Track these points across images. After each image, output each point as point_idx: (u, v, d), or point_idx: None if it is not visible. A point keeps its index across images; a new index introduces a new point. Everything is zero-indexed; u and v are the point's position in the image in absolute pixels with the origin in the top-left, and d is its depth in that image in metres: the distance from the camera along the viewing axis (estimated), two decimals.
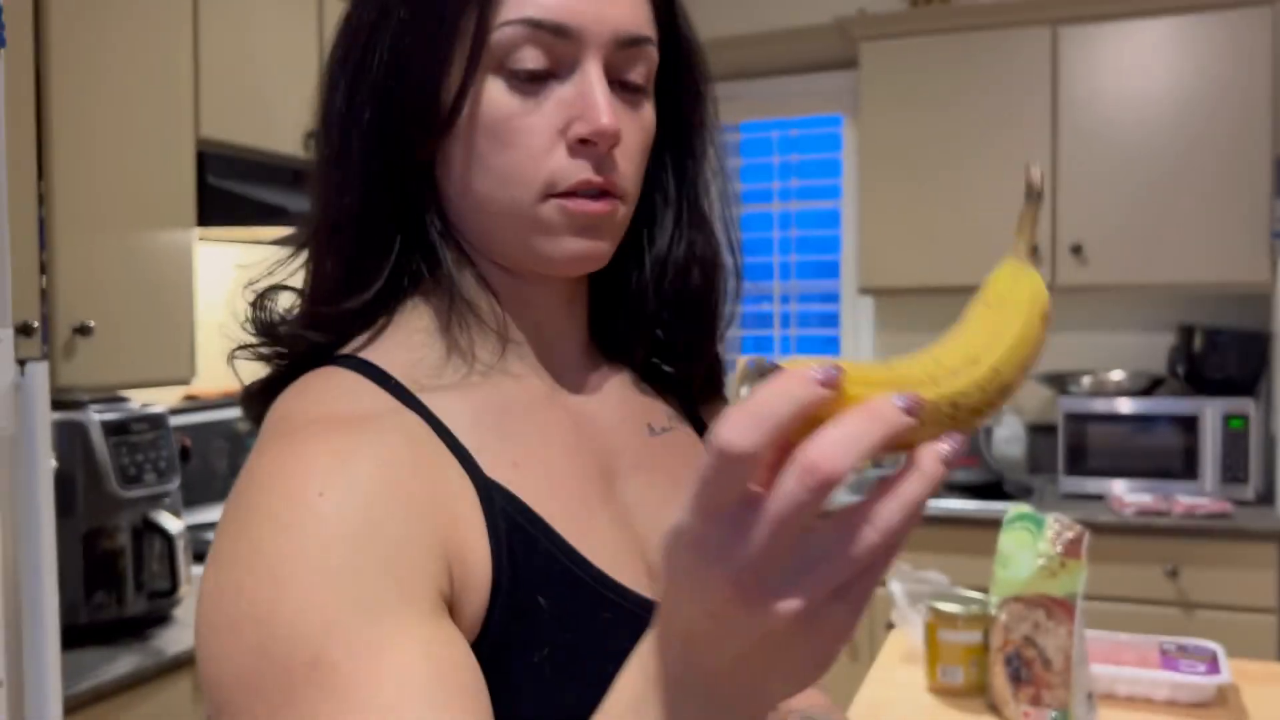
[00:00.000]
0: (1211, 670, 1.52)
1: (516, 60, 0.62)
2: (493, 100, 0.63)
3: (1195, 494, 2.91)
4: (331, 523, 0.54)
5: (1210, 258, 2.94)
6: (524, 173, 0.63)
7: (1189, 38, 2.95)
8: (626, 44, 0.64)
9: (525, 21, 0.61)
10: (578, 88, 0.63)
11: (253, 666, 0.53)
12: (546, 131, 0.63)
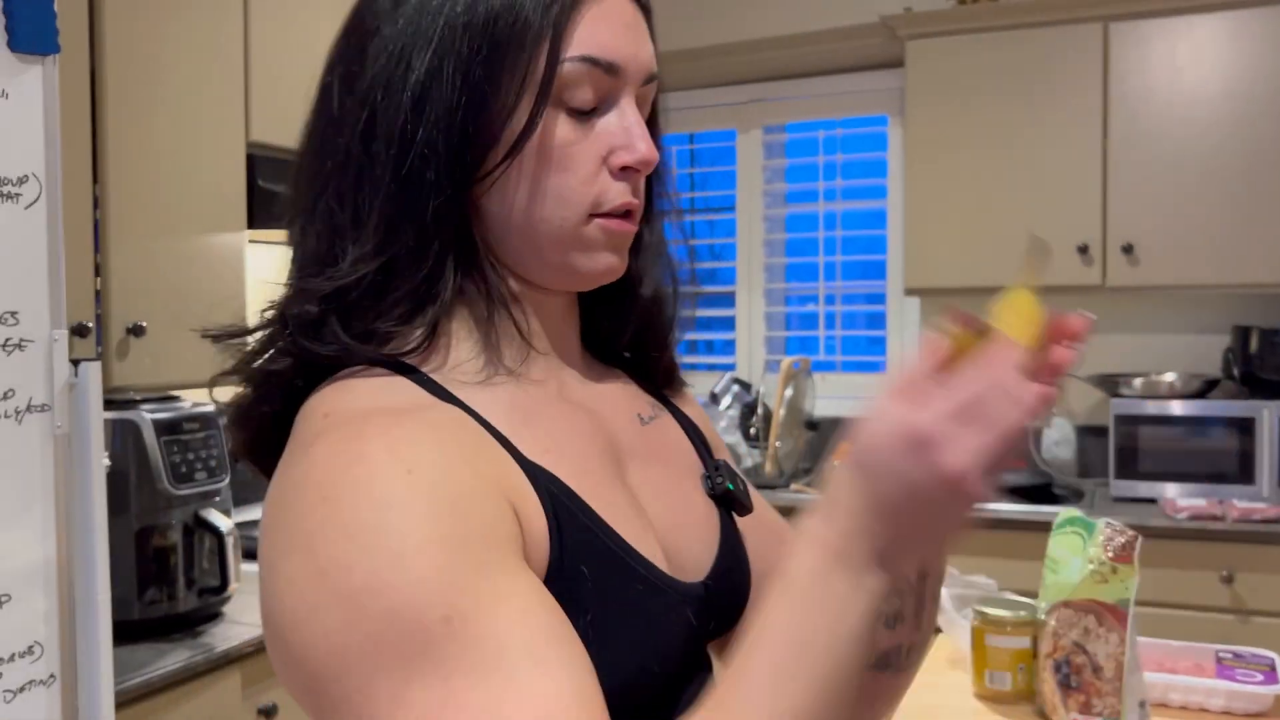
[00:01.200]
0: (1269, 679, 1.49)
1: (573, 94, 0.69)
2: (552, 130, 0.69)
3: (1251, 498, 2.85)
4: (429, 495, 0.59)
5: (1266, 257, 2.88)
6: (574, 195, 0.70)
7: (1244, 32, 2.89)
8: (648, 80, 0.73)
9: (584, 59, 0.69)
10: (620, 120, 0.71)
11: (379, 634, 0.56)
12: (594, 159, 0.70)
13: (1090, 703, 1.34)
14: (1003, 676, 1.49)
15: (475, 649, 0.56)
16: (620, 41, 0.70)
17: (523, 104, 0.68)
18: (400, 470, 0.60)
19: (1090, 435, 3.33)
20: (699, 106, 3.89)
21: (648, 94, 0.74)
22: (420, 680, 0.56)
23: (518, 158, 0.68)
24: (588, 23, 0.69)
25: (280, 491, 0.64)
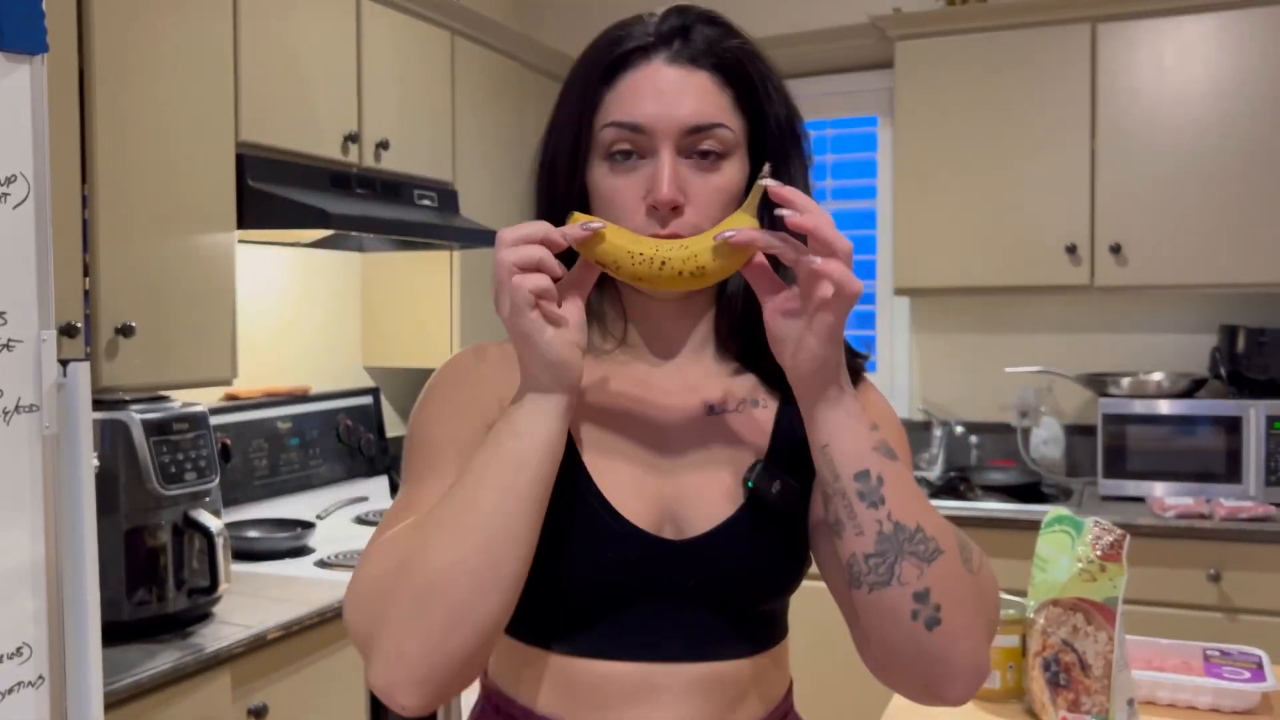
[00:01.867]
0: (1256, 677, 1.50)
1: (612, 148, 0.91)
2: (601, 178, 0.92)
3: (1238, 497, 2.87)
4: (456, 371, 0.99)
5: (1253, 257, 2.90)
6: (620, 224, 0.89)
7: (1230, 34, 2.90)
8: (693, 131, 0.90)
9: (613, 123, 0.91)
10: (653, 167, 0.90)
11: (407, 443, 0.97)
12: (634, 197, 0.90)
13: (1079, 700, 1.35)
14: (992, 675, 1.50)
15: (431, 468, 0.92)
16: (647, 106, 0.90)
17: (581, 164, 0.93)
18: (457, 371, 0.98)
19: (1078, 434, 3.35)
20: None
21: (700, 139, 0.90)
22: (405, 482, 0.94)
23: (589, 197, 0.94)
24: (620, 93, 0.91)
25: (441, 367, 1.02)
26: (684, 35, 0.92)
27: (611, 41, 0.93)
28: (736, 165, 0.93)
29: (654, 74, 0.90)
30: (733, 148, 0.92)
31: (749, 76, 0.95)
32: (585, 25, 4.13)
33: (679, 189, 0.89)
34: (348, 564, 2.34)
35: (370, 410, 3.14)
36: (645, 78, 0.90)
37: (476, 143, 3.17)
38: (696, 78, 0.91)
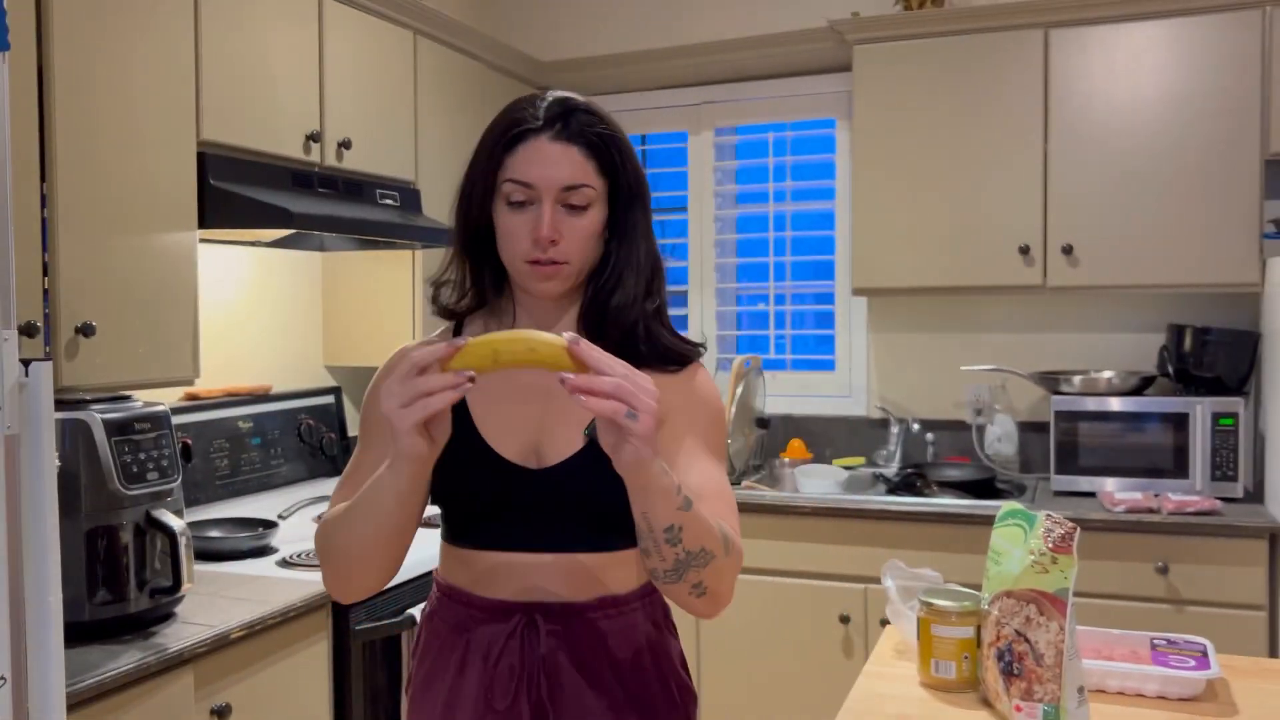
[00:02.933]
0: (1201, 665, 1.55)
1: (510, 196, 1.28)
2: (504, 215, 1.29)
3: (1185, 491, 2.94)
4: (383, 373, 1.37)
5: (1200, 259, 2.97)
6: (517, 251, 1.29)
7: (1179, 40, 2.98)
8: (568, 188, 1.27)
9: (515, 180, 1.27)
10: (538, 212, 1.27)
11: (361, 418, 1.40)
12: (525, 232, 1.28)
13: (1031, 689, 1.38)
14: (948, 665, 1.53)
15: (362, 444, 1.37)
16: (533, 170, 1.26)
17: (491, 204, 1.30)
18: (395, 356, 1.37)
19: (1031, 431, 3.41)
20: (651, 108, 3.92)
21: (572, 194, 1.27)
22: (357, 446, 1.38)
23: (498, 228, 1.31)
24: (517, 158, 1.27)
25: None
26: (564, 120, 1.28)
27: (512, 121, 1.28)
28: (598, 212, 1.30)
29: (540, 147, 1.27)
30: (595, 200, 1.30)
31: (608, 151, 1.30)
32: (547, 26, 4.15)
33: (555, 228, 1.27)
34: (310, 563, 2.34)
35: (332, 409, 3.14)
36: (535, 149, 1.27)
37: (439, 142, 3.17)
38: (570, 151, 1.27)
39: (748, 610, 3.11)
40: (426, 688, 1.37)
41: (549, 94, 1.31)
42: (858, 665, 3.01)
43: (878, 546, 2.99)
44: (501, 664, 1.31)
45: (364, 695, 2.27)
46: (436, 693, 1.35)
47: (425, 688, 1.38)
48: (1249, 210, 2.93)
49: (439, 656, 1.36)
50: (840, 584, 3.05)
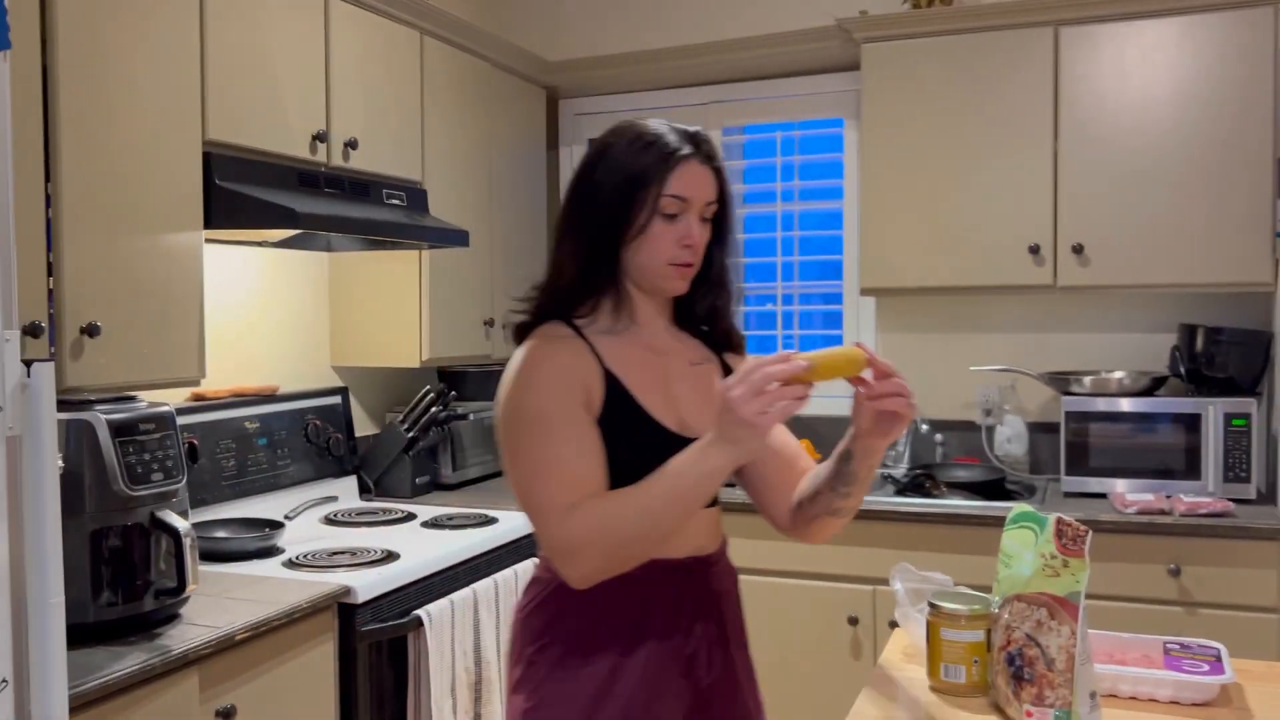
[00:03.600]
0: (1215, 669, 1.53)
1: (666, 209, 1.48)
2: (654, 222, 1.49)
3: (1197, 493, 2.92)
4: (550, 374, 1.46)
5: (1212, 258, 2.95)
6: (663, 255, 1.50)
7: (1190, 38, 2.95)
8: (707, 204, 1.52)
9: (675, 195, 1.48)
10: (687, 224, 1.50)
11: (511, 422, 1.46)
12: (673, 240, 1.49)
13: (1042, 694, 1.37)
14: (957, 669, 1.52)
15: (542, 431, 1.44)
16: (691, 187, 1.49)
17: (644, 213, 1.48)
18: (549, 353, 1.49)
19: (1042, 432, 3.39)
20: (658, 107, 3.90)
21: (707, 209, 1.52)
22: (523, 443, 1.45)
23: (641, 235, 1.49)
24: (676, 177, 1.48)
25: (515, 358, 1.51)
26: (705, 147, 1.53)
27: (673, 147, 1.49)
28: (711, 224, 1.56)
29: (695, 169, 1.50)
30: (712, 213, 1.55)
31: (724, 180, 1.56)
32: (554, 25, 4.15)
33: (700, 235, 1.52)
34: (317, 564, 2.33)
35: (339, 410, 3.13)
36: (691, 170, 1.49)
37: (445, 142, 3.16)
38: (709, 173, 1.52)
39: (755, 611, 3.09)
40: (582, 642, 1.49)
41: (685, 125, 1.55)
42: (866, 668, 2.99)
43: (886, 548, 2.97)
44: (686, 603, 1.52)
45: (370, 697, 2.26)
46: (603, 640, 1.48)
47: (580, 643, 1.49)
48: (1261, 209, 2.90)
49: (607, 611, 1.48)
50: (848, 585, 3.03)
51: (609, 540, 1.37)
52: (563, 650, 1.49)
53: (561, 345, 1.49)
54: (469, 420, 3.40)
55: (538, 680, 1.50)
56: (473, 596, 2.49)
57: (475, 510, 2.97)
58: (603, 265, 1.51)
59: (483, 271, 3.38)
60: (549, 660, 1.50)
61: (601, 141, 1.53)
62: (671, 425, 1.50)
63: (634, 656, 1.47)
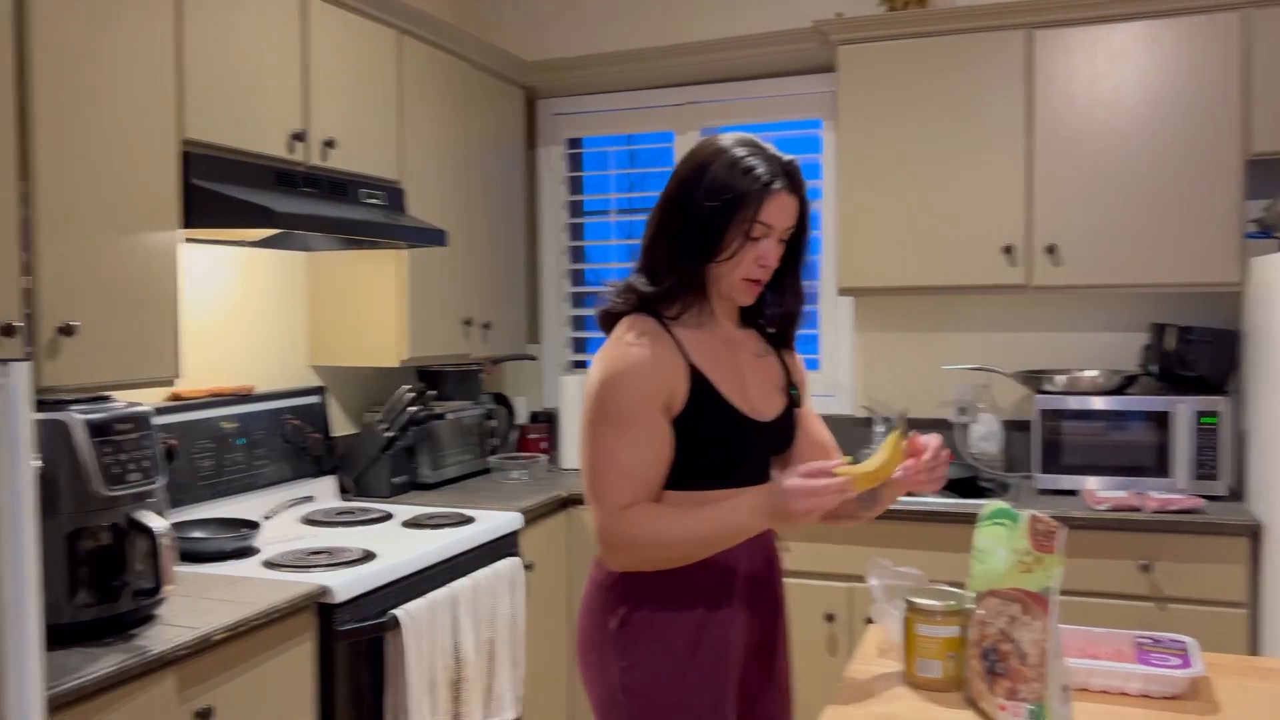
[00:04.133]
0: (1184, 663, 1.55)
1: (755, 234, 1.67)
2: (740, 242, 1.67)
3: (1168, 490, 2.96)
4: (639, 364, 1.66)
5: (1182, 258, 2.99)
6: (741, 271, 1.70)
7: (1160, 41, 2.99)
8: (786, 230, 1.71)
9: (763, 222, 1.66)
10: (766, 247, 1.69)
11: (595, 408, 1.66)
12: (753, 259, 1.68)
13: (1016, 688, 1.39)
14: (932, 664, 1.54)
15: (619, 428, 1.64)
16: (778, 216, 1.67)
17: (737, 237, 1.66)
18: (631, 355, 1.66)
19: (1015, 430, 3.42)
20: (636, 108, 3.92)
21: (785, 232, 1.70)
22: (600, 431, 1.65)
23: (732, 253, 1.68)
24: (769, 207, 1.66)
25: (606, 344, 1.70)
26: (793, 178, 1.69)
27: (767, 179, 1.65)
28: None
29: (783, 200, 1.67)
30: (789, 235, 1.74)
31: (805, 205, 1.73)
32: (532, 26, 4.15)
33: (776, 257, 1.72)
34: (294, 564, 2.33)
35: (317, 409, 3.12)
36: (780, 201, 1.67)
37: (424, 141, 3.16)
38: (793, 201, 1.69)
39: None
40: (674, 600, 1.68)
41: (775, 152, 1.69)
42: (841, 664, 3.01)
43: (862, 544, 2.99)
44: (758, 562, 1.78)
45: (349, 697, 2.26)
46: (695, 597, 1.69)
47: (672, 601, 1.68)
48: (1230, 210, 2.95)
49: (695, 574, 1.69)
50: (825, 582, 3.05)
51: (646, 552, 1.63)
52: (652, 610, 1.68)
53: (653, 344, 1.67)
54: (447, 420, 3.40)
55: (628, 641, 1.68)
56: (451, 596, 2.49)
57: (454, 510, 2.97)
58: (693, 275, 1.69)
59: (462, 271, 3.39)
60: (639, 621, 1.68)
61: (699, 159, 1.70)
62: (746, 410, 1.72)
63: (717, 615, 1.69)
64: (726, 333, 1.78)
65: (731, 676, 1.72)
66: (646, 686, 1.67)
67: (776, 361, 1.84)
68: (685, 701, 1.67)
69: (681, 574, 1.67)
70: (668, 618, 1.68)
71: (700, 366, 1.69)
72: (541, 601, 3.17)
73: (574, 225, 4.10)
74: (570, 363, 4.11)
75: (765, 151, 1.68)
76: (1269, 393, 2.70)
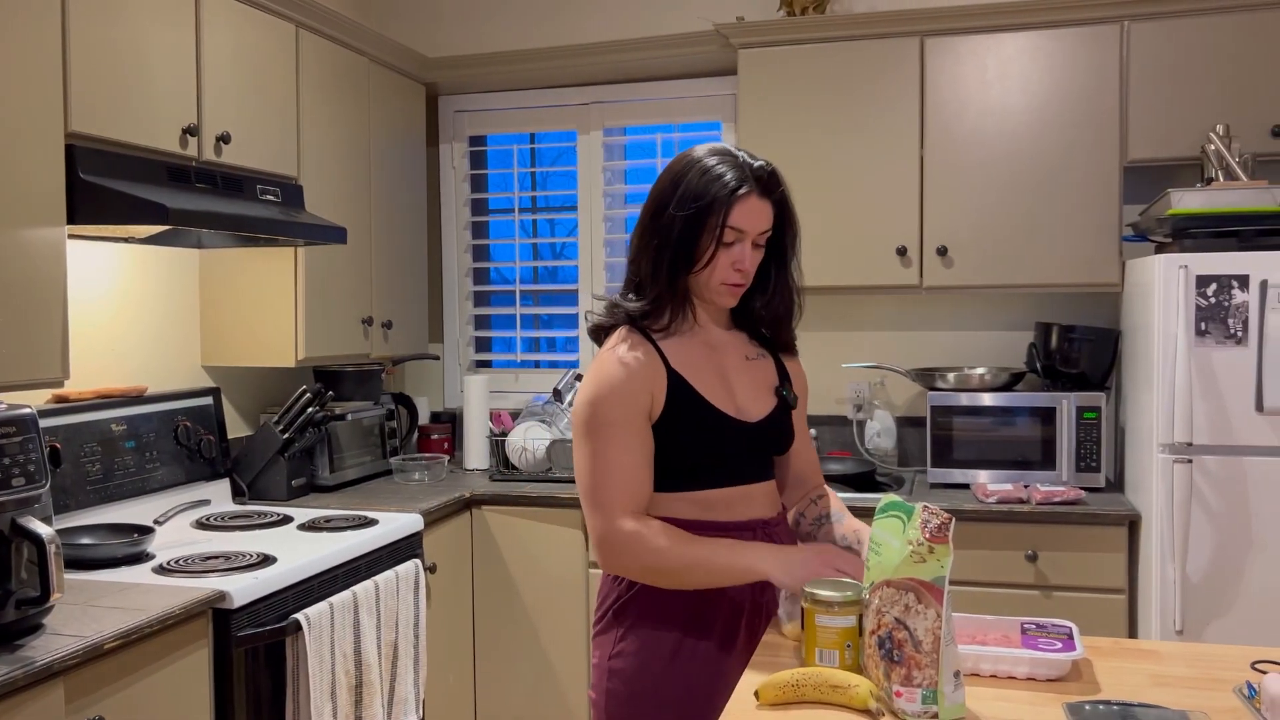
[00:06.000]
0: (1067, 647, 1.62)
1: (726, 239, 1.71)
2: (714, 247, 1.71)
3: (1052, 482, 3.08)
4: (619, 376, 1.73)
5: (1065, 260, 3.12)
6: (718, 275, 1.74)
7: (1044, 51, 3.11)
8: (761, 234, 1.74)
9: (733, 227, 1.71)
10: (741, 251, 1.73)
11: (585, 421, 1.73)
12: (729, 263, 1.73)
13: (911, 675, 1.43)
14: (831, 654, 1.57)
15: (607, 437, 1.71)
16: (748, 220, 1.72)
17: (710, 243, 1.71)
18: (617, 366, 1.73)
19: (909, 426, 3.52)
20: (539, 106, 3.91)
21: (761, 237, 1.74)
22: (590, 442, 1.72)
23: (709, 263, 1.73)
24: (736, 211, 1.70)
25: (593, 360, 1.83)
26: (767, 182, 1.74)
27: (735, 184, 1.71)
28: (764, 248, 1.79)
29: (754, 203, 1.72)
30: (765, 237, 1.77)
31: (784, 205, 1.79)
32: (433, 22, 4.11)
33: (752, 262, 1.75)
34: (189, 569, 2.27)
35: (211, 411, 3.04)
36: (751, 205, 1.72)
37: (322, 137, 3.10)
38: (767, 206, 1.74)
39: None
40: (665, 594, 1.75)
41: (753, 159, 1.75)
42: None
43: None
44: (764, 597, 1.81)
45: (247, 704, 2.21)
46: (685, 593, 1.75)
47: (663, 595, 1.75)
48: (1109, 214, 3.08)
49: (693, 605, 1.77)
50: None
51: (646, 569, 1.71)
52: (651, 599, 1.76)
53: (633, 353, 1.75)
54: (347, 420, 3.35)
55: (628, 625, 1.78)
56: (352, 599, 2.46)
57: (354, 512, 2.93)
58: (675, 285, 1.75)
59: (361, 269, 3.34)
60: (637, 609, 1.77)
61: (673, 172, 1.75)
62: (729, 411, 1.78)
63: (713, 606, 1.76)
64: (711, 336, 1.84)
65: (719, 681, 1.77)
66: (631, 674, 1.77)
67: (771, 364, 1.89)
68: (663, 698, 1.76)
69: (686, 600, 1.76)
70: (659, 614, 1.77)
71: (680, 370, 1.75)
72: (444, 603, 3.15)
73: (477, 224, 4.07)
74: (473, 362, 4.08)
75: (736, 159, 1.74)
76: (1144, 388, 2.84)
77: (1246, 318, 2.63)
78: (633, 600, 1.79)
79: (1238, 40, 2.98)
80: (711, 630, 1.77)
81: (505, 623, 3.32)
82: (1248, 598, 2.65)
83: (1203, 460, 2.67)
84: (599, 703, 1.82)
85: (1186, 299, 2.66)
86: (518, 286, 3.99)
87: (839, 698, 1.43)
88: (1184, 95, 3.01)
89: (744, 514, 1.81)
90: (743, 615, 1.79)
